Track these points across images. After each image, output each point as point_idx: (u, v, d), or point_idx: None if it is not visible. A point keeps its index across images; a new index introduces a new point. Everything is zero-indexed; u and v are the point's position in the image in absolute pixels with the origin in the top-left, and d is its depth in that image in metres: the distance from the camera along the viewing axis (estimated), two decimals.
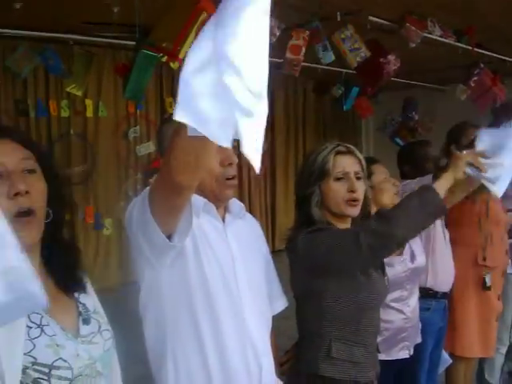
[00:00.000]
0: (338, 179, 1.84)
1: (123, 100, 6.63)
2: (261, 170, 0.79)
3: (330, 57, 4.64)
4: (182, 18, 3.47)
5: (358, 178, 1.86)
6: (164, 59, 3.62)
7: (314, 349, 1.82)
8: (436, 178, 2.57)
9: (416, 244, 2.49)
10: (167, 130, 1.59)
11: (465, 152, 1.84)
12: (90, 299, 1.32)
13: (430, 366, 2.79)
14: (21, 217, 1.12)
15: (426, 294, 2.79)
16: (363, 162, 1.92)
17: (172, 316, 1.56)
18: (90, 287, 1.36)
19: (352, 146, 1.93)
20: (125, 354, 1.51)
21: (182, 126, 1.12)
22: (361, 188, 1.86)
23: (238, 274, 1.63)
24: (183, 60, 0.86)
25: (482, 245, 3.08)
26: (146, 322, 1.62)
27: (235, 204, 1.76)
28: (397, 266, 2.36)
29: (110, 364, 1.30)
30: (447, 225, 2.95)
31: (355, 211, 1.86)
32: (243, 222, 1.78)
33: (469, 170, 1.84)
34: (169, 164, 1.19)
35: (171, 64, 3.58)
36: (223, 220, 1.69)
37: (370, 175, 2.34)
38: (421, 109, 8.80)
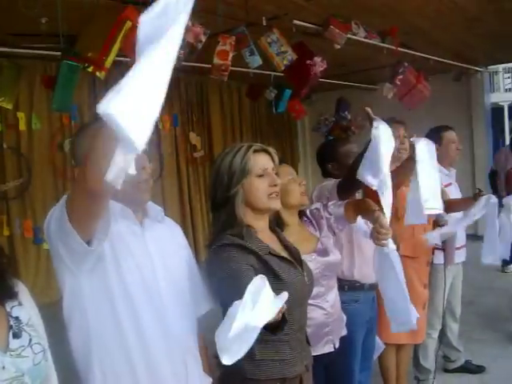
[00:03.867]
0: (260, 176, 1.90)
1: (57, 112, 6.54)
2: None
3: (257, 61, 4.71)
4: (106, 27, 3.47)
5: (276, 174, 1.94)
6: (90, 69, 3.61)
7: None
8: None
9: (328, 240, 2.49)
10: (82, 139, 1.60)
11: None
12: (24, 311, 1.32)
13: (365, 355, 2.86)
14: None
15: (354, 286, 2.84)
16: (275, 158, 1.98)
17: (95, 322, 1.57)
18: (26, 297, 1.36)
19: (264, 145, 1.98)
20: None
21: (99, 132, 1.19)
22: (280, 183, 1.94)
23: (158, 277, 1.65)
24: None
25: (400, 236, 3.15)
26: (71, 329, 1.61)
27: (153, 208, 1.77)
28: (309, 263, 2.30)
29: (41, 377, 1.30)
30: None
31: (277, 204, 1.92)
32: (162, 226, 1.79)
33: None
34: (86, 170, 1.23)
35: (97, 74, 3.57)
36: (141, 224, 1.70)
37: None
38: (353, 108, 9.04)
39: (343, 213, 2.42)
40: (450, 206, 3.61)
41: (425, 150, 2.52)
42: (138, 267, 1.61)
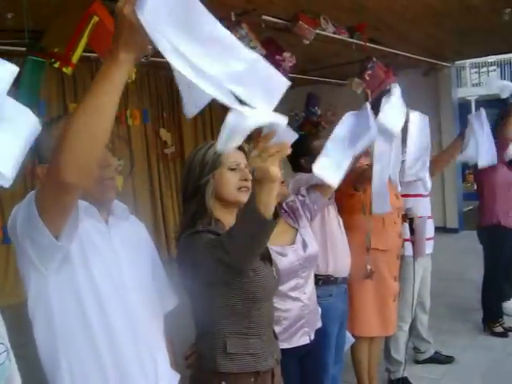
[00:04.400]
0: (232, 169, 1.90)
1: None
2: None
3: None
4: (73, 22, 3.43)
5: (249, 172, 1.94)
6: (56, 65, 3.56)
7: (210, 346, 1.83)
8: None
9: (306, 232, 2.54)
10: (47, 135, 1.57)
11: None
12: None
13: (337, 348, 2.88)
14: None
15: (328, 280, 2.86)
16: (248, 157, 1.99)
17: (62, 322, 1.55)
18: None
19: None
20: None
21: (69, 126, 1.19)
22: (251, 178, 1.93)
23: (125, 275, 1.63)
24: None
25: (370, 230, 3.22)
26: (36, 329, 1.58)
27: (118, 206, 1.75)
28: (290, 255, 2.40)
29: (4, 377, 1.28)
30: (340, 212, 3.05)
31: (246, 198, 1.92)
32: (128, 224, 1.77)
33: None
34: (57, 163, 1.22)
35: (64, 69, 3.52)
36: (107, 223, 1.67)
37: None
38: (323, 103, 9.10)
39: (317, 193, 2.49)
40: (437, 162, 3.72)
41: (417, 123, 2.69)
42: (104, 265, 1.59)
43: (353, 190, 3.15)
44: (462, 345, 4.59)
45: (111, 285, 1.59)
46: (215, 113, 9.65)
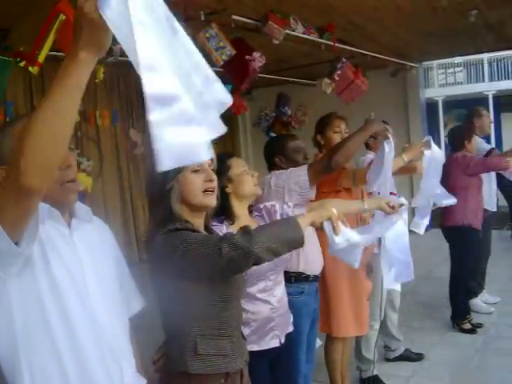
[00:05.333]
0: (195, 171, 1.87)
1: None
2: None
3: None
4: (39, 20, 3.37)
5: (212, 170, 1.92)
6: (22, 64, 3.49)
7: (180, 347, 1.82)
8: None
9: None
10: (7, 137, 1.53)
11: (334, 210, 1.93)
12: None
13: (308, 347, 2.90)
14: None
15: (299, 277, 2.88)
16: (213, 156, 1.97)
17: (24, 327, 1.51)
18: None
19: None
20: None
21: (31, 128, 1.15)
22: (215, 178, 1.93)
23: (88, 278, 1.60)
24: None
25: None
26: None
27: (81, 208, 1.71)
28: None
29: None
30: None
31: (212, 201, 1.90)
32: (91, 226, 1.73)
33: (325, 227, 1.93)
34: (17, 165, 1.18)
35: (30, 69, 3.45)
36: (69, 225, 1.64)
37: (228, 169, 2.41)
38: (293, 103, 9.14)
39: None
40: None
41: (432, 158, 2.90)
42: (67, 269, 1.55)
43: (338, 186, 3.21)
44: (431, 342, 4.66)
45: (73, 288, 1.56)
46: None
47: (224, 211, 2.34)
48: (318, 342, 3.21)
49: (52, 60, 3.59)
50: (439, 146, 3.47)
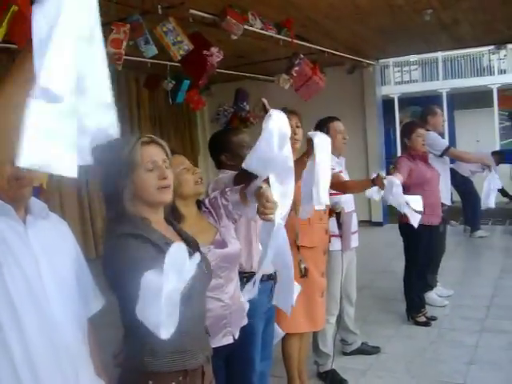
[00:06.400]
0: (149, 170, 1.84)
1: None
2: None
3: (153, 50, 4.62)
4: None
5: (166, 167, 1.90)
6: None
7: (137, 345, 1.78)
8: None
9: (227, 232, 2.48)
10: None
11: None
12: None
13: (265, 345, 2.89)
14: None
15: (252, 277, 2.85)
16: (167, 149, 1.94)
17: None
18: None
19: (153, 136, 1.92)
20: None
21: None
22: (170, 175, 1.90)
23: (43, 277, 1.56)
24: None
25: (297, 227, 3.25)
26: None
27: (36, 204, 1.67)
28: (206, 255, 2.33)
29: None
30: None
31: (168, 197, 1.87)
32: (47, 223, 1.70)
33: None
34: None
35: None
36: (24, 222, 1.60)
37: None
38: (252, 99, 9.14)
39: (239, 198, 2.39)
40: (347, 187, 3.75)
41: (321, 144, 2.59)
42: (20, 268, 1.51)
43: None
44: (387, 335, 4.73)
45: (27, 290, 1.51)
46: (143, 106, 9.51)
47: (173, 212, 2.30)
48: (281, 333, 3.21)
49: (4, 52, 3.49)
50: (394, 143, 3.52)
